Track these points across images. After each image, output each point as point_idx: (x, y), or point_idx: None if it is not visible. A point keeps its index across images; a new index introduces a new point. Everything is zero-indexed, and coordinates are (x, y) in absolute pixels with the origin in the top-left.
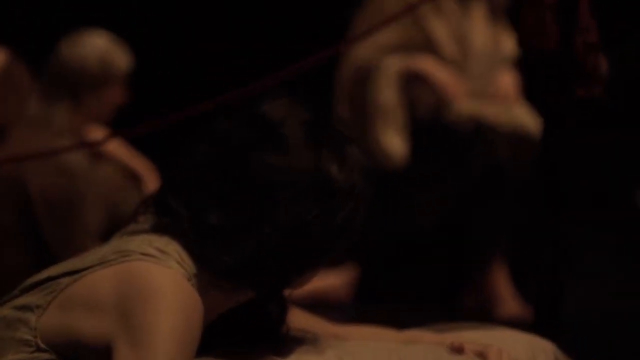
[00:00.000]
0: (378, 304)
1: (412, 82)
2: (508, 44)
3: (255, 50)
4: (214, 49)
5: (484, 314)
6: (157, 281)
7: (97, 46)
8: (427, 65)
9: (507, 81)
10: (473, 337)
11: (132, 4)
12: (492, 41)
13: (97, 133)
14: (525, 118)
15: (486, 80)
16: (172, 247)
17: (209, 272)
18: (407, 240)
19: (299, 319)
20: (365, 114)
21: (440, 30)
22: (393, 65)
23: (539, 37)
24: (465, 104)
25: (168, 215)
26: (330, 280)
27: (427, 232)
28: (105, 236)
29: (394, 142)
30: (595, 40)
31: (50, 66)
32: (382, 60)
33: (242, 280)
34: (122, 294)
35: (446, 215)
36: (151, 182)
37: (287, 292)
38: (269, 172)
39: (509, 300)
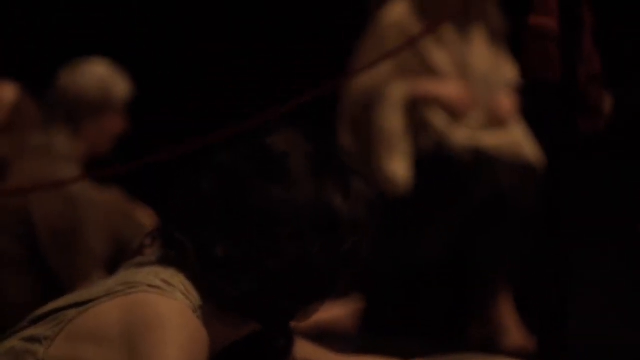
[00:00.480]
0: (383, 335)
1: (418, 107)
2: (508, 68)
3: (255, 50)
4: (213, 49)
5: (489, 345)
6: (163, 313)
7: (97, 74)
8: (432, 85)
9: (506, 104)
10: None
11: (132, 3)
12: (492, 66)
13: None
14: (526, 146)
15: (487, 104)
16: (178, 279)
17: (215, 305)
18: (412, 270)
19: (304, 351)
20: (370, 140)
21: (441, 59)
22: (398, 91)
23: (542, 68)
24: (464, 134)
25: (173, 248)
26: (335, 311)
27: (431, 262)
28: (110, 263)
29: (399, 169)
30: (598, 71)
31: (50, 94)
32: (386, 86)
33: (247, 313)
34: (128, 325)
35: (450, 244)
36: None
37: (293, 324)
38: (272, 205)
39: (514, 331)
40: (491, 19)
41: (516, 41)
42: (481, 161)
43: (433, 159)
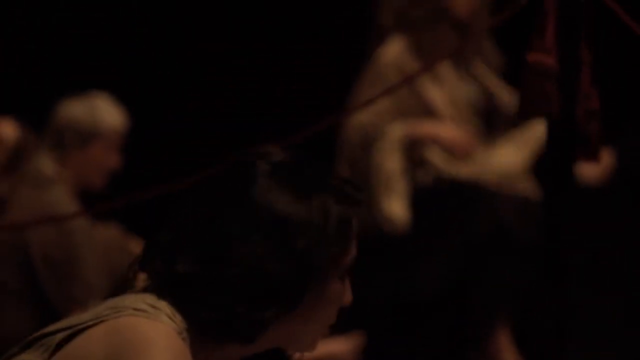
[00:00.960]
0: None
1: (416, 145)
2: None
3: (255, 50)
4: (214, 49)
5: None
6: (148, 335)
7: (88, 105)
8: (432, 127)
9: None
10: None
11: (132, 4)
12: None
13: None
14: (525, 180)
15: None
16: (163, 303)
17: (194, 328)
18: (412, 305)
19: None
20: (368, 178)
21: (438, 98)
22: (398, 131)
23: (540, 105)
24: (465, 168)
25: (151, 275)
26: (335, 347)
27: (431, 297)
28: (108, 294)
29: (397, 208)
30: (596, 108)
31: (47, 125)
32: (386, 125)
33: (219, 329)
34: (113, 348)
35: (450, 279)
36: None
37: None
38: (221, 209)
39: None
40: (488, 56)
41: (515, 78)
42: (481, 196)
43: (432, 194)
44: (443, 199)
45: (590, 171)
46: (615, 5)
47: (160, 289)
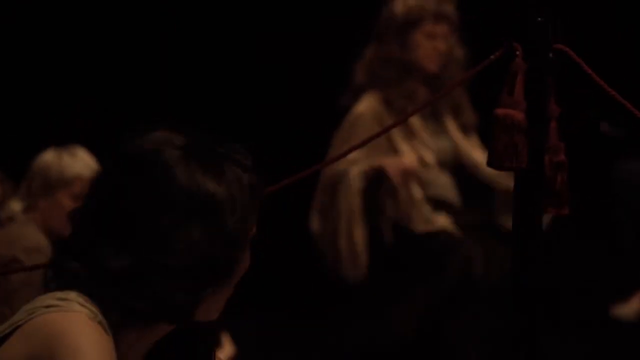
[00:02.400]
0: None
1: (380, 189)
2: (479, 157)
3: (233, 105)
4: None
5: None
6: (63, 328)
7: (59, 153)
8: (381, 160)
9: None
10: None
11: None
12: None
13: None
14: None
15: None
16: (72, 294)
17: (119, 314)
18: (385, 352)
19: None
20: (335, 221)
21: (408, 150)
22: (355, 170)
23: (509, 157)
24: (441, 220)
25: (64, 274)
26: None
27: (403, 344)
28: None
29: (359, 251)
30: (563, 160)
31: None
32: (347, 169)
33: (151, 316)
34: (34, 348)
35: (422, 326)
36: None
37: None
38: (146, 202)
39: None
40: (462, 111)
41: (486, 133)
42: (451, 244)
43: (403, 242)
44: (414, 247)
45: None
46: (581, 61)
47: (72, 283)
